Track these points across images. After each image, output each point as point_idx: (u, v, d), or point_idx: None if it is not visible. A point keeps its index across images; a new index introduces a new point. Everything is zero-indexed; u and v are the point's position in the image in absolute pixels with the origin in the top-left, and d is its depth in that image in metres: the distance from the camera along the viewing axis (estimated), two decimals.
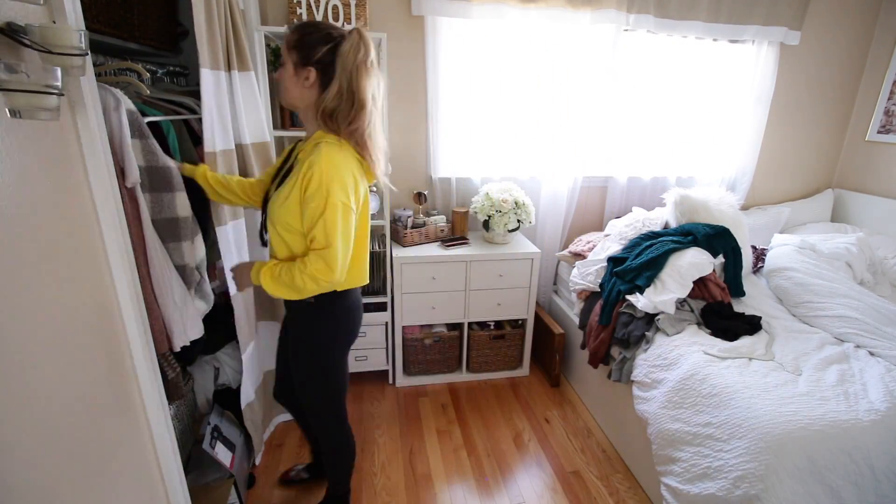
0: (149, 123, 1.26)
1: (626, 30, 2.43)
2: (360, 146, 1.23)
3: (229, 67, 1.57)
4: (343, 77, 1.17)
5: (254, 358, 1.86)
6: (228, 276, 1.54)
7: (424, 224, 2.39)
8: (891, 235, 2.60)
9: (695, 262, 1.93)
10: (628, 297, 1.95)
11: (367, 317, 2.33)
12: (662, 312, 1.84)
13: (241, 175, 1.69)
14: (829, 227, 2.79)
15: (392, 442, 2.10)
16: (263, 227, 1.37)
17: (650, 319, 1.87)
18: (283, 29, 1.93)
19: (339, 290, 1.31)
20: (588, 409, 2.34)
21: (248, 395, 1.85)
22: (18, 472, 0.70)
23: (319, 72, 1.18)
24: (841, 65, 2.83)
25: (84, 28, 0.84)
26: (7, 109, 0.66)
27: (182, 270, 1.33)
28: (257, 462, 1.93)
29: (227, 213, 1.62)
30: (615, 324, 1.96)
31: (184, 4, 1.78)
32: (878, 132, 2.81)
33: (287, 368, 1.51)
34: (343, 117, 1.19)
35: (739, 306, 2.02)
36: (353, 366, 2.43)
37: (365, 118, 1.21)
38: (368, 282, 1.52)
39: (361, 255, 1.35)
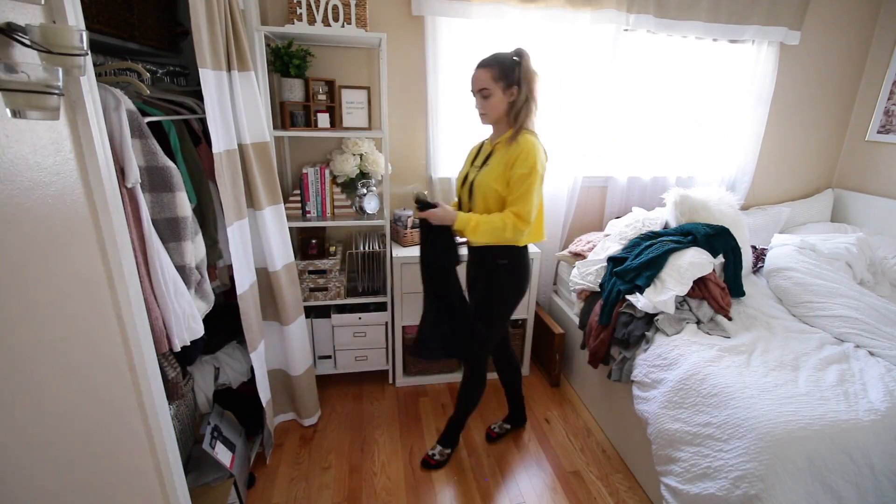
0: (150, 123, 1.27)
1: (626, 30, 2.43)
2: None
3: (229, 67, 1.58)
4: (526, 86, 1.57)
5: (262, 356, 1.87)
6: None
7: None
8: (891, 235, 2.60)
9: (695, 262, 1.93)
10: (628, 297, 1.95)
11: (367, 317, 2.33)
12: (662, 312, 1.84)
13: (243, 175, 1.69)
14: (829, 227, 2.79)
15: (392, 442, 2.10)
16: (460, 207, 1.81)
17: (650, 319, 1.87)
18: (283, 29, 1.93)
19: (520, 245, 1.68)
20: (588, 409, 2.34)
21: (265, 392, 1.88)
22: (17, 473, 0.70)
23: (518, 87, 1.57)
24: (841, 65, 2.83)
25: (84, 28, 0.84)
26: (7, 109, 0.66)
27: (182, 270, 1.33)
28: (268, 461, 1.95)
29: (233, 214, 1.62)
30: (615, 324, 1.96)
31: (184, 4, 1.78)
32: (878, 132, 2.81)
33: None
34: (525, 116, 1.60)
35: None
36: (353, 366, 2.43)
37: (535, 112, 1.62)
38: (545, 238, 1.84)
39: (540, 217, 1.73)
